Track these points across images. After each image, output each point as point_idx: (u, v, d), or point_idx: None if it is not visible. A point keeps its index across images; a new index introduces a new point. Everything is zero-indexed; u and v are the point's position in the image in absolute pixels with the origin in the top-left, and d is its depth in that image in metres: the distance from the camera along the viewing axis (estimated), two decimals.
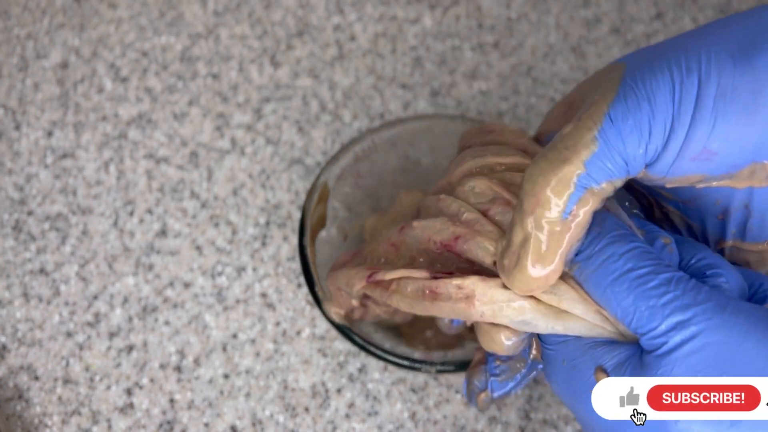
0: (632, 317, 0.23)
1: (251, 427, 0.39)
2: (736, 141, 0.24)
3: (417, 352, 0.39)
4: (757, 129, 0.23)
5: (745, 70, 0.23)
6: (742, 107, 0.23)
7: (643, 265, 0.24)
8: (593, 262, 0.24)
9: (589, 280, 0.24)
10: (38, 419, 0.39)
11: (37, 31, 0.50)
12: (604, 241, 0.24)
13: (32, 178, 0.45)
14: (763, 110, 0.23)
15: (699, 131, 0.23)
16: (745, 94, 0.23)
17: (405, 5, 0.50)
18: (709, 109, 0.23)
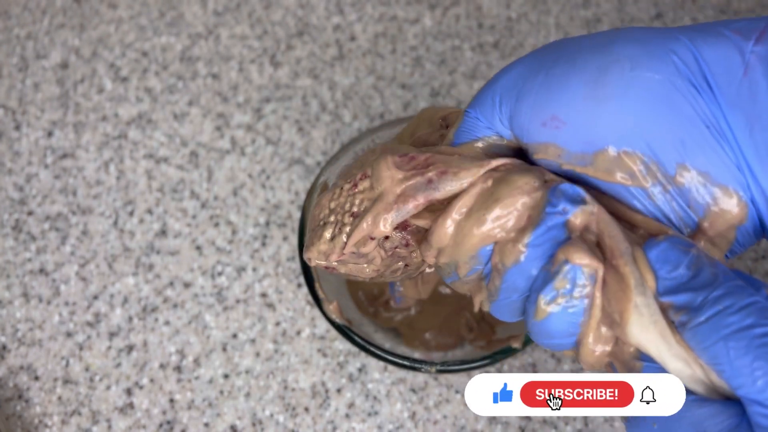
0: (745, 380, 0.21)
1: (251, 427, 0.39)
2: (582, 112, 0.24)
3: (417, 352, 0.39)
4: (598, 103, 0.23)
5: (595, 53, 0.23)
6: (586, 80, 0.23)
7: (766, 323, 0.21)
8: (705, 311, 0.22)
9: (697, 329, 0.22)
10: (38, 419, 0.39)
11: (37, 31, 0.50)
12: (720, 291, 0.22)
13: (32, 178, 0.45)
14: (606, 86, 0.23)
15: (547, 95, 0.24)
16: (591, 69, 0.23)
17: (405, 5, 0.50)
18: (558, 76, 0.24)
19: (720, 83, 0.22)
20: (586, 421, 0.39)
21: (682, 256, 0.23)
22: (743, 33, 0.22)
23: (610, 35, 0.24)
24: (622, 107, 0.23)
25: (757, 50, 0.22)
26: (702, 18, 0.49)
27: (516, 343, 0.34)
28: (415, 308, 0.40)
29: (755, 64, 0.22)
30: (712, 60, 0.22)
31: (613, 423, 0.39)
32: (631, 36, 0.24)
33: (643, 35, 0.24)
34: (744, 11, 0.49)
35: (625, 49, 0.23)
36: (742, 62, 0.22)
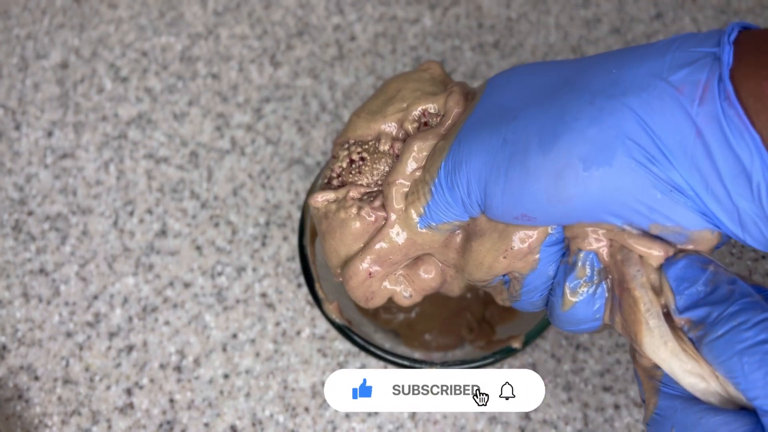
0: (759, 393, 0.22)
1: (251, 427, 0.39)
2: (549, 211, 0.25)
3: (417, 353, 0.39)
4: (563, 204, 0.25)
5: (546, 155, 0.24)
6: (544, 188, 0.24)
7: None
8: (721, 326, 0.23)
9: (713, 344, 0.23)
10: (38, 419, 0.39)
11: (37, 31, 0.50)
12: (735, 307, 0.23)
13: (32, 178, 0.45)
14: (566, 192, 0.24)
15: (512, 201, 0.25)
16: (546, 176, 0.24)
17: (405, 5, 0.50)
18: (518, 186, 0.25)
19: (673, 151, 0.23)
20: (587, 421, 0.39)
21: (699, 274, 0.24)
22: (685, 92, 0.23)
23: (553, 113, 0.25)
24: (585, 201, 0.24)
25: (702, 111, 0.23)
26: (702, 18, 0.49)
27: (516, 343, 0.34)
28: (414, 310, 0.40)
29: (703, 127, 0.23)
30: (663, 131, 0.23)
31: (613, 423, 0.39)
32: (575, 117, 0.24)
33: (588, 113, 0.24)
34: (744, 11, 0.49)
35: (574, 148, 0.24)
36: (692, 125, 0.23)
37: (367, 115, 0.31)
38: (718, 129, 0.22)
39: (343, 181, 0.31)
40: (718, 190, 0.23)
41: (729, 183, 0.23)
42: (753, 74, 0.22)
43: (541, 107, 0.25)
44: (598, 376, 0.40)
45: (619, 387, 0.40)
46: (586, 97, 0.24)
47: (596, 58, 0.26)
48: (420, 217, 0.28)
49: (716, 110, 0.22)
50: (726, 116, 0.22)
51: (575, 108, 0.24)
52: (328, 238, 0.30)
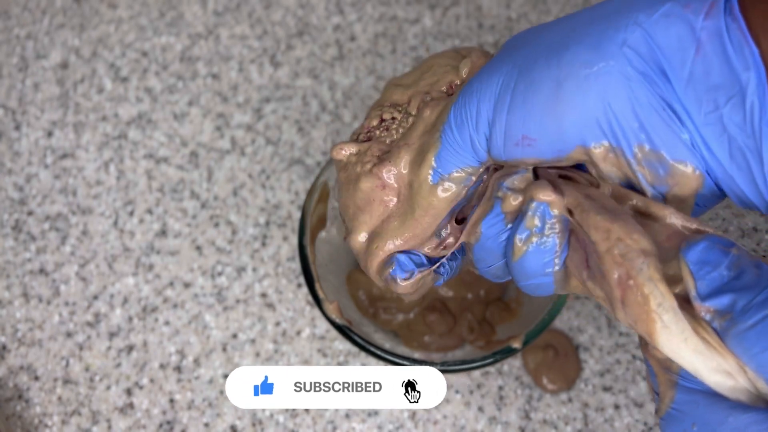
0: None
1: (251, 427, 0.39)
2: (548, 128, 0.25)
3: (417, 353, 0.39)
4: (561, 117, 0.24)
5: (551, 65, 0.24)
6: (545, 97, 0.24)
7: None
8: (751, 316, 0.21)
9: (742, 335, 0.21)
10: (38, 419, 0.39)
11: (37, 31, 0.50)
12: (765, 294, 0.21)
13: (32, 178, 0.45)
14: (565, 100, 0.24)
15: (515, 119, 0.25)
16: (548, 85, 0.24)
17: (405, 5, 0.50)
18: (521, 100, 0.25)
19: (674, 66, 0.23)
20: (587, 421, 0.39)
21: (722, 257, 0.22)
22: (693, 7, 0.23)
23: (564, 34, 0.25)
24: (582, 113, 0.24)
25: (707, 25, 0.22)
26: None
27: (516, 343, 0.34)
28: (413, 310, 0.40)
29: (706, 42, 0.22)
30: (666, 45, 0.23)
31: (613, 423, 0.39)
32: (584, 33, 0.24)
33: (597, 28, 0.24)
34: None
35: (578, 55, 0.24)
36: (694, 40, 0.22)
37: (401, 86, 0.31)
38: (718, 43, 0.22)
39: (369, 137, 0.31)
40: (712, 114, 0.23)
41: (724, 106, 0.22)
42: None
43: (553, 29, 0.26)
44: (598, 376, 0.40)
45: (619, 387, 0.40)
46: (597, 12, 0.25)
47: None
48: (432, 170, 0.28)
49: (720, 24, 0.22)
50: (729, 30, 0.22)
51: (586, 23, 0.25)
52: (344, 191, 0.31)
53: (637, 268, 0.23)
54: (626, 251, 0.23)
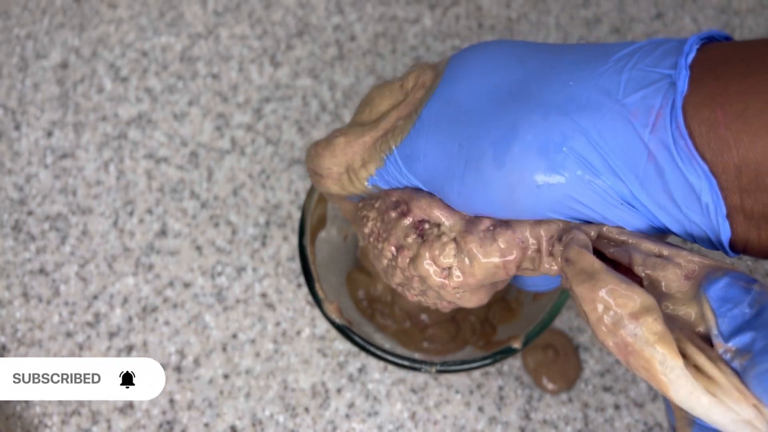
0: None
1: (251, 428, 0.39)
2: (501, 214, 0.26)
3: (417, 353, 0.39)
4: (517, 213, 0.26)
5: (500, 165, 0.25)
6: (498, 200, 0.25)
7: None
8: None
9: (761, 377, 0.21)
10: (38, 419, 0.39)
11: (37, 31, 0.50)
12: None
13: (32, 178, 0.45)
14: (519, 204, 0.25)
15: (465, 201, 0.26)
16: (500, 189, 0.25)
17: (405, 5, 0.50)
18: (470, 188, 0.26)
19: (623, 170, 0.24)
20: (587, 421, 0.39)
21: (743, 294, 0.22)
22: (640, 117, 0.23)
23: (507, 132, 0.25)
24: (539, 208, 0.25)
25: (654, 138, 0.23)
26: (702, 18, 0.49)
27: (516, 343, 0.34)
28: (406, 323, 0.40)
29: (656, 151, 0.23)
30: (614, 151, 0.24)
31: (613, 423, 0.39)
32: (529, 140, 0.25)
33: (541, 129, 0.24)
34: (744, 11, 0.49)
35: (526, 163, 0.24)
36: (644, 148, 0.23)
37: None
38: (668, 156, 0.23)
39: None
40: (669, 207, 0.24)
41: (680, 201, 0.23)
42: (707, 102, 0.22)
43: (495, 115, 0.26)
44: (598, 376, 0.40)
45: (619, 387, 0.40)
46: (539, 111, 0.25)
47: (558, 57, 0.26)
48: (370, 177, 0.29)
49: (667, 139, 0.23)
50: (676, 145, 0.22)
51: (528, 121, 0.25)
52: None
53: (630, 335, 0.22)
54: (616, 319, 0.23)
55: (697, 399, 0.22)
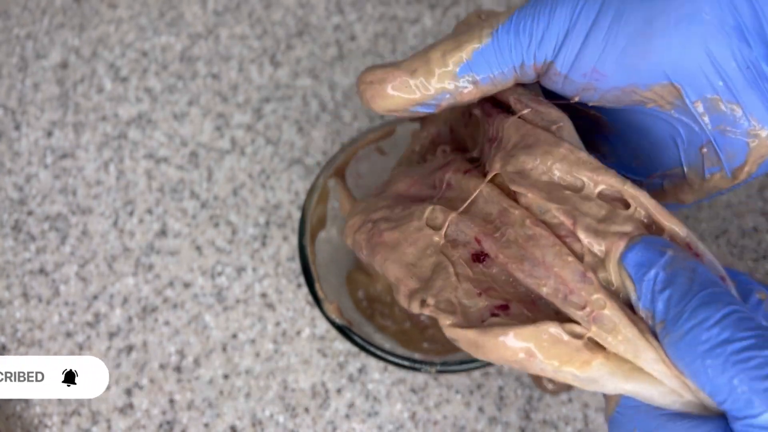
0: (726, 397, 0.20)
1: (251, 428, 0.39)
2: (625, 65, 0.24)
3: (417, 353, 0.39)
4: (644, 55, 0.23)
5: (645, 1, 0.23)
6: (632, 33, 0.23)
7: (743, 337, 0.20)
8: (681, 325, 0.21)
9: (674, 345, 0.21)
10: (38, 419, 0.39)
11: (37, 31, 0.50)
12: (695, 301, 0.21)
13: (32, 178, 0.45)
14: (655, 39, 0.23)
15: (589, 51, 0.24)
16: (637, 21, 0.23)
17: (405, 5, 0.50)
18: (604, 30, 0.24)
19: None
20: (587, 421, 0.39)
21: (657, 257, 0.22)
22: None
23: None
24: (666, 57, 0.23)
25: None
26: None
27: None
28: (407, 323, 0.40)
29: None
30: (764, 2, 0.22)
31: None
32: None
33: None
34: None
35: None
36: None
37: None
38: None
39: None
40: None
41: None
42: None
43: None
44: None
45: None
46: None
47: None
48: (461, 64, 0.25)
49: None
50: None
51: None
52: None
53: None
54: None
55: (626, 381, 0.22)
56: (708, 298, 0.21)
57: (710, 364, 0.20)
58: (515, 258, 0.24)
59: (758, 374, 0.20)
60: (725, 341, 0.20)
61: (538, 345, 0.22)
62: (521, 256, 0.24)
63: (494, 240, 0.25)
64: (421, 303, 0.25)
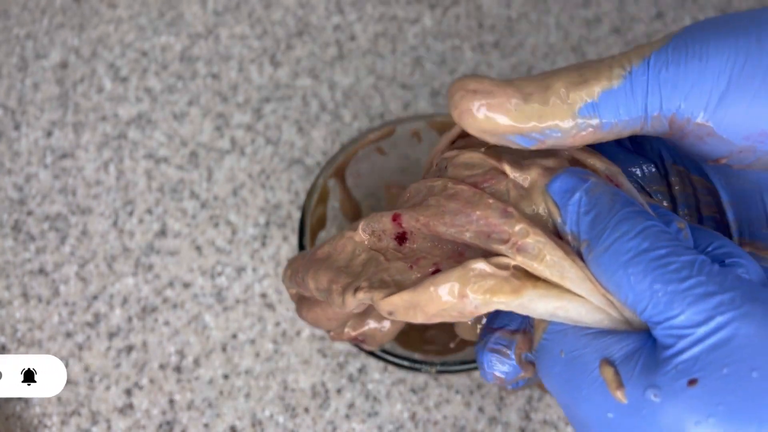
0: (647, 303, 0.21)
1: (251, 428, 0.39)
2: None
3: (417, 353, 0.39)
4: None
5: None
6: None
7: (662, 246, 0.21)
8: (605, 239, 0.21)
9: (598, 259, 0.22)
10: (37, 420, 0.39)
11: (37, 30, 0.50)
12: (617, 217, 0.21)
13: (32, 178, 0.45)
14: None
15: (760, 107, 0.21)
16: None
17: (405, 5, 0.50)
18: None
19: None
20: None
21: (579, 183, 0.23)
22: None
23: None
24: None
25: None
26: (702, 18, 0.49)
27: None
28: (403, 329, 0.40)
29: None
30: None
31: None
32: None
33: None
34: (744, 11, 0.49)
35: None
36: None
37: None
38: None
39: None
40: None
41: None
42: None
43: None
44: None
45: None
46: None
47: None
48: (585, 103, 0.23)
49: None
50: None
51: None
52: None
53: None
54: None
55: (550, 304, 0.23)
56: (628, 216, 0.22)
57: (631, 272, 0.21)
58: (435, 215, 0.25)
59: (676, 277, 0.20)
60: (645, 250, 0.21)
61: (466, 283, 0.23)
62: (441, 212, 0.24)
63: (412, 209, 0.25)
64: (355, 291, 0.25)
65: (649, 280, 0.20)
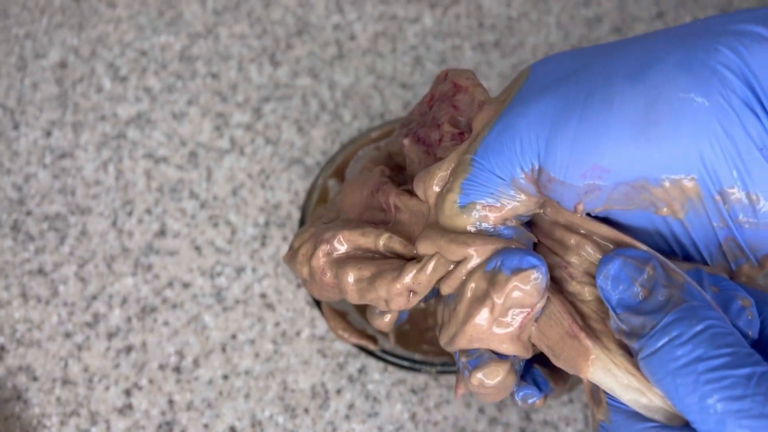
0: (696, 417, 0.20)
1: (251, 428, 0.39)
2: (631, 156, 0.22)
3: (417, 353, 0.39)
4: (652, 144, 0.21)
5: (635, 84, 0.21)
6: (633, 121, 0.21)
7: (717, 354, 0.19)
8: (655, 341, 0.20)
9: (648, 361, 0.21)
10: (37, 420, 0.39)
11: (36, 30, 0.50)
12: (670, 317, 0.20)
13: (31, 178, 0.45)
14: (659, 125, 0.21)
15: (584, 146, 0.22)
16: (635, 109, 0.21)
17: (405, 4, 0.50)
18: (594, 124, 0.22)
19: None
20: (587, 422, 0.39)
21: (636, 273, 0.22)
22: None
23: (641, 57, 0.22)
24: (675, 142, 0.21)
25: None
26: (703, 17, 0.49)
27: None
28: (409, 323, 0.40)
29: None
30: (762, 75, 0.21)
31: None
32: (665, 54, 0.22)
33: (681, 49, 0.22)
34: None
35: (670, 78, 0.21)
36: None
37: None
38: None
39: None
40: None
41: None
42: None
43: (617, 54, 0.22)
44: None
45: None
46: (674, 39, 0.22)
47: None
48: (459, 195, 0.24)
49: None
50: None
51: (665, 44, 0.22)
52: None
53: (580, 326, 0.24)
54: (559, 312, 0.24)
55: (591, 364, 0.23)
56: (683, 314, 0.20)
57: (681, 383, 0.20)
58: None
59: (730, 395, 0.19)
60: (696, 359, 0.20)
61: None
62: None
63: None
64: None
65: (699, 395, 0.19)
